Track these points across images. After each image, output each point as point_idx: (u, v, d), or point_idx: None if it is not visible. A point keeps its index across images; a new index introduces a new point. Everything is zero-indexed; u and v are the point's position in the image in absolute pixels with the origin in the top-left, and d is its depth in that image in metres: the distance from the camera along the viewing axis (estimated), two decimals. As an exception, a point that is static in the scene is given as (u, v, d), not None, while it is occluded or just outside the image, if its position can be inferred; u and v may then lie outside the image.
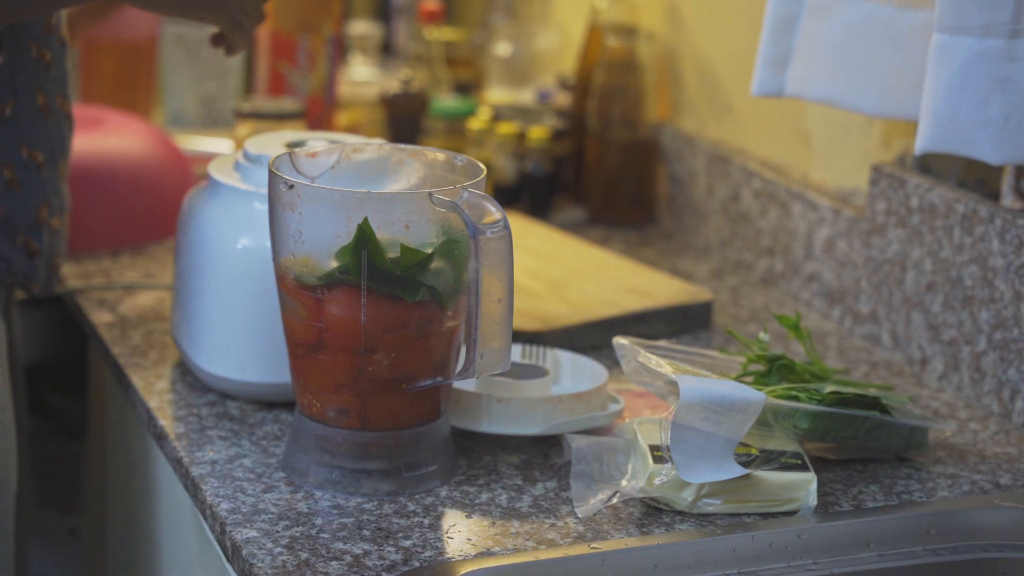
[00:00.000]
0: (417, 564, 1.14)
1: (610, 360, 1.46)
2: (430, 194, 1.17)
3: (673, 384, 1.21)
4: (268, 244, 1.35)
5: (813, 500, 1.22)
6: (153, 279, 1.70)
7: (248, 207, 1.38)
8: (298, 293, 1.21)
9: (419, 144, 2.05)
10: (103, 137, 1.80)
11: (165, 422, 1.36)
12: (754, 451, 1.23)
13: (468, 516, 1.22)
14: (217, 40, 1.45)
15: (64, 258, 1.47)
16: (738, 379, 1.28)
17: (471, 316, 1.18)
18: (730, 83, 1.88)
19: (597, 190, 2.00)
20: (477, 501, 1.24)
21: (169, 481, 1.41)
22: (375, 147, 1.29)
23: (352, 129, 2.10)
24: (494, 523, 1.20)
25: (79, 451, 1.87)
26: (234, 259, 1.37)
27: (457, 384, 1.32)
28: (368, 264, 1.17)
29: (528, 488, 1.26)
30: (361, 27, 2.38)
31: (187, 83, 2.06)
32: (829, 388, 1.28)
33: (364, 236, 1.16)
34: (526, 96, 2.25)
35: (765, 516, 1.22)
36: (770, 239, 1.78)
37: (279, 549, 1.15)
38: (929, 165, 1.55)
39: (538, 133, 2.01)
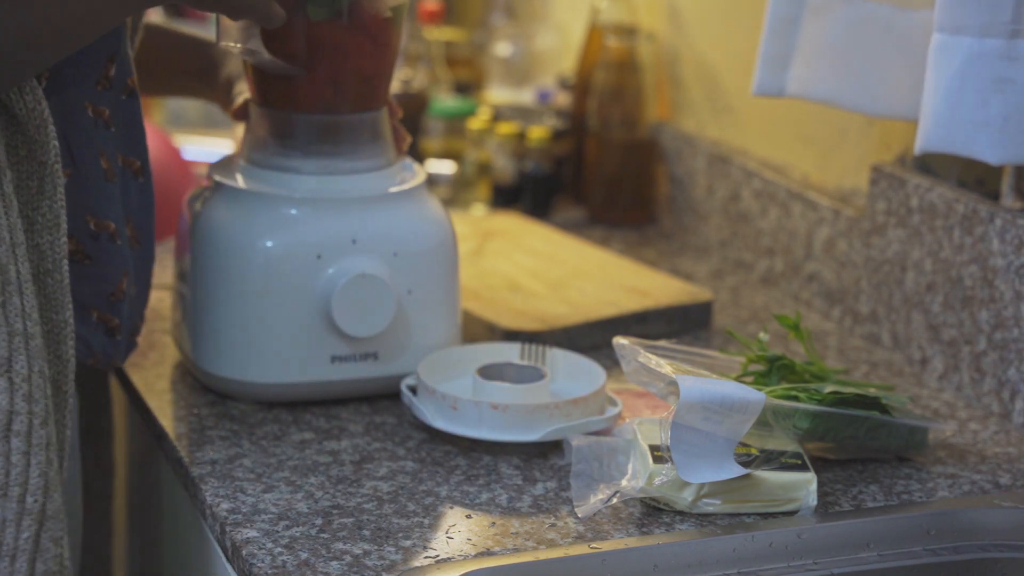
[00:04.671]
0: (417, 564, 1.14)
1: (610, 360, 1.45)
2: None
3: (673, 384, 1.21)
4: (269, 245, 1.36)
5: (813, 500, 1.22)
6: (153, 279, 1.69)
7: (249, 207, 1.38)
8: None
9: (420, 145, 2.06)
10: (103, 137, 1.79)
11: (165, 422, 1.36)
12: (754, 451, 1.23)
13: (468, 516, 1.22)
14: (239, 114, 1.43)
15: (143, 318, 1.37)
16: (738, 379, 1.28)
17: None
18: (730, 83, 1.88)
19: (597, 190, 2.00)
20: (477, 501, 1.24)
21: (169, 481, 1.41)
22: None
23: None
24: (494, 523, 1.21)
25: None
26: (234, 259, 1.37)
27: (455, 392, 1.33)
28: None
29: (528, 488, 1.26)
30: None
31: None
32: (829, 388, 1.28)
33: None
34: (526, 96, 2.25)
35: (765, 516, 1.22)
36: (770, 239, 1.78)
37: (279, 549, 1.15)
38: (929, 165, 1.55)
39: (538, 133, 2.01)
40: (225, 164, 1.45)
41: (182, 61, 1.51)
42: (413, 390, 1.37)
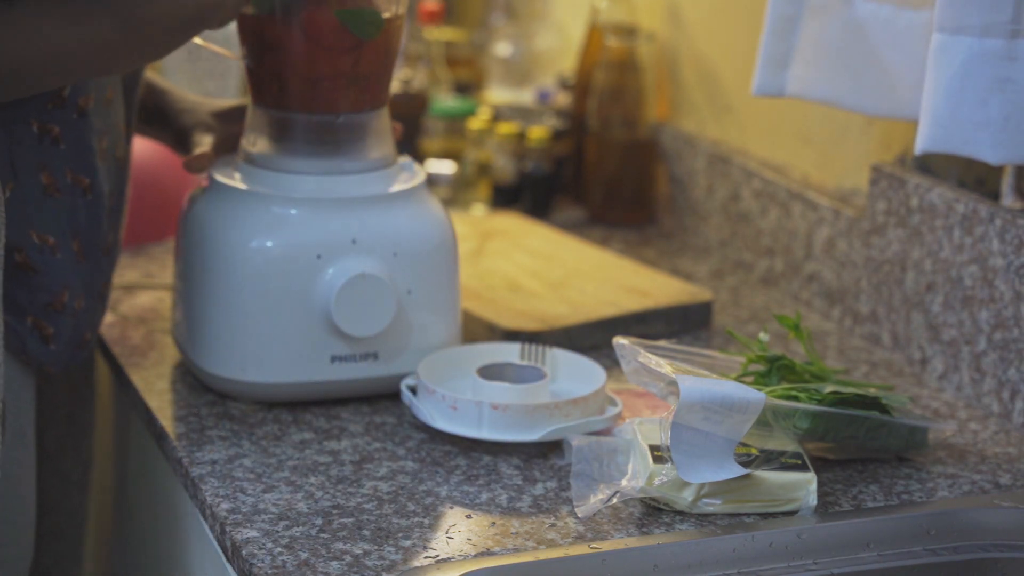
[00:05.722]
0: (417, 564, 1.14)
1: (610, 360, 1.46)
2: None
3: (673, 384, 1.21)
4: (269, 245, 1.36)
5: (813, 500, 1.22)
6: (153, 279, 1.70)
7: (249, 207, 1.38)
8: None
9: (420, 145, 2.06)
10: (103, 137, 1.79)
11: (165, 422, 1.36)
12: (754, 451, 1.23)
13: (468, 516, 1.22)
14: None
15: (97, 329, 1.41)
16: (738, 379, 1.28)
17: None
18: (730, 83, 1.88)
19: (597, 190, 2.00)
20: (477, 501, 1.24)
21: (169, 481, 1.41)
22: None
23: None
24: (494, 523, 1.20)
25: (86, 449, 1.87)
26: (234, 259, 1.37)
27: (455, 392, 1.33)
28: None
29: (528, 488, 1.26)
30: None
31: (187, 83, 2.06)
32: (829, 388, 1.28)
33: None
34: (526, 96, 2.25)
35: (765, 516, 1.22)
36: (770, 239, 1.78)
37: (279, 549, 1.15)
38: (929, 165, 1.55)
39: (538, 133, 2.01)
40: (225, 164, 1.45)
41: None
42: (413, 390, 1.37)
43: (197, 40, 1.40)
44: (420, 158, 2.02)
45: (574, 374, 1.41)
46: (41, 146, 1.30)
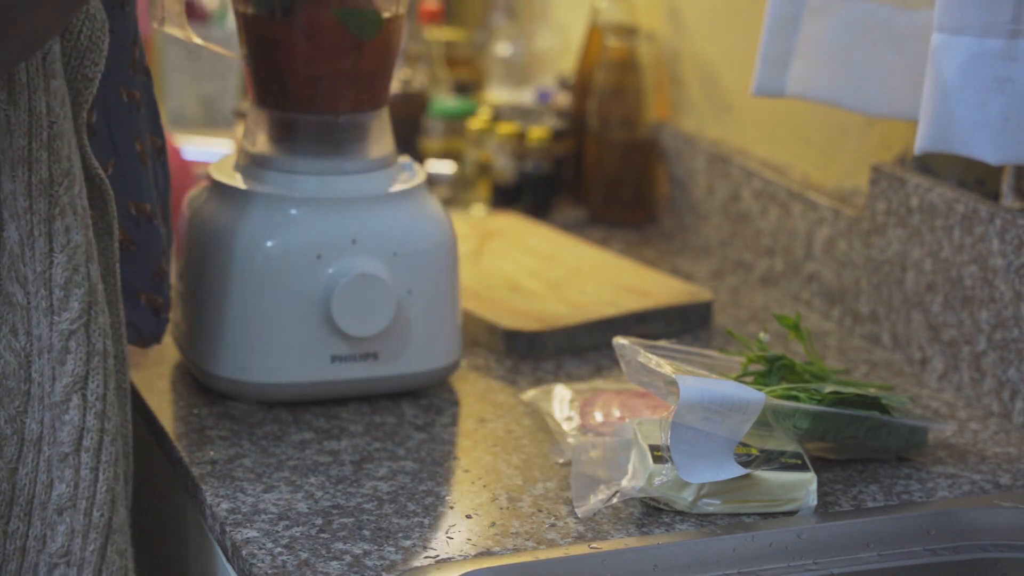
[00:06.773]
0: (417, 564, 1.14)
1: (610, 360, 1.46)
2: None
3: (673, 384, 1.21)
4: (269, 245, 1.36)
5: (813, 500, 1.22)
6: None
7: (249, 207, 1.38)
8: None
9: (420, 145, 2.06)
10: (103, 137, 1.79)
11: (165, 422, 1.36)
12: (754, 451, 1.23)
13: (468, 516, 1.22)
14: None
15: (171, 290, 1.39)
16: (738, 379, 1.28)
17: None
18: (730, 83, 1.88)
19: (597, 190, 2.00)
20: (477, 501, 1.24)
21: (169, 481, 1.41)
22: None
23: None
24: (494, 523, 1.21)
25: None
26: (234, 259, 1.37)
27: None
28: None
29: (528, 488, 1.26)
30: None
31: (187, 83, 2.06)
32: (829, 388, 1.28)
33: None
34: (526, 96, 2.25)
35: (765, 516, 1.22)
36: (770, 239, 1.78)
37: (279, 549, 1.15)
38: (929, 165, 1.55)
39: (538, 133, 2.01)
40: (225, 164, 1.45)
41: None
42: None
43: (197, 40, 1.40)
44: (420, 158, 2.02)
45: None
46: (130, 114, 1.27)
